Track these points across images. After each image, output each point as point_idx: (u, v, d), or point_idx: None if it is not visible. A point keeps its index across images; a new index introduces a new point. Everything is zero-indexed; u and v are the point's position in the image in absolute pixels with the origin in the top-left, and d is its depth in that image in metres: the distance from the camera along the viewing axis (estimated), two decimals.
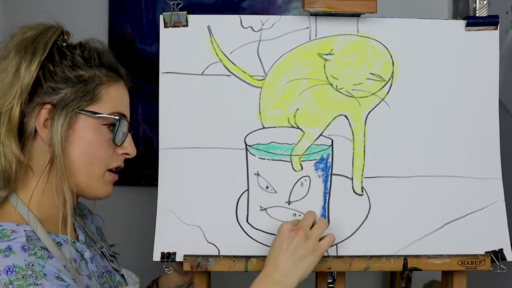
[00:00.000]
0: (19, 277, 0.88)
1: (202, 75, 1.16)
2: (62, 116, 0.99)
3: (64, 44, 1.04)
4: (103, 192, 1.06)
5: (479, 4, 1.16)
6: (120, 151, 1.06)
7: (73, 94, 1.00)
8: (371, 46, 1.17)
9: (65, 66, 1.01)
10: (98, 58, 1.05)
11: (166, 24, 1.16)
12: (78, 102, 1.01)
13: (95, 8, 1.96)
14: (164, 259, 1.13)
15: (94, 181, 1.04)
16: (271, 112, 1.16)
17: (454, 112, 1.18)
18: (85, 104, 1.01)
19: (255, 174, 1.16)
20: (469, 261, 1.15)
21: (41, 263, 0.91)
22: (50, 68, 1.00)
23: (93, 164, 1.03)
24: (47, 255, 0.93)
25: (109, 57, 1.08)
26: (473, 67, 1.18)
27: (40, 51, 1.00)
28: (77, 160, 1.01)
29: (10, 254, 0.90)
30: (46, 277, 0.89)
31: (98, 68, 1.04)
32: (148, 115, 1.94)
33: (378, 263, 1.15)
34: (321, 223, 1.11)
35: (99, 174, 1.04)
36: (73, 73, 1.01)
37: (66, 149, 1.00)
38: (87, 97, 1.02)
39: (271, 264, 1.05)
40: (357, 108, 1.16)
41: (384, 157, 1.17)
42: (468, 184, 1.17)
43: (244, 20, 1.16)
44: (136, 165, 1.94)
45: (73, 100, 1.00)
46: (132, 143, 1.09)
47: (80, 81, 1.01)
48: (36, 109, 0.99)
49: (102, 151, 1.03)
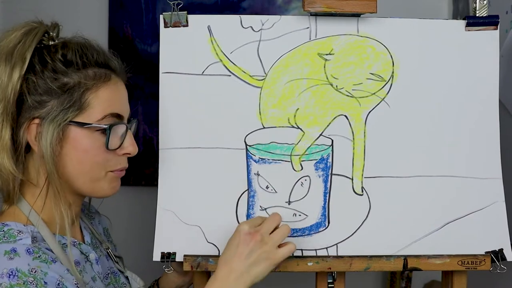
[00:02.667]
0: (20, 282, 0.88)
1: (202, 75, 1.16)
2: (50, 130, 0.96)
3: (51, 42, 1.00)
4: (109, 190, 1.05)
5: (479, 4, 1.16)
6: (120, 152, 1.03)
7: (59, 106, 0.97)
8: (371, 46, 1.17)
9: (47, 77, 0.97)
10: (81, 58, 1.00)
11: (166, 24, 1.16)
12: (65, 114, 0.97)
13: (95, 8, 1.96)
14: (164, 259, 1.13)
15: (96, 184, 1.03)
16: (271, 112, 1.16)
17: (454, 112, 1.18)
18: (73, 115, 0.97)
19: (255, 174, 1.16)
20: (469, 261, 1.15)
21: (44, 270, 0.90)
22: (33, 80, 0.97)
23: (92, 170, 1.01)
24: (51, 259, 0.93)
25: (94, 53, 1.02)
26: (473, 67, 1.18)
27: (19, 64, 0.96)
28: (75, 170, 1.00)
29: (15, 256, 0.90)
30: (47, 285, 0.89)
31: (83, 70, 0.99)
32: (148, 115, 1.94)
33: (378, 263, 1.15)
34: (282, 229, 1.06)
35: (100, 177, 1.03)
36: (56, 83, 0.97)
37: (62, 160, 0.99)
38: (74, 107, 0.97)
39: (223, 267, 1.02)
40: (357, 108, 1.16)
41: (384, 157, 1.17)
42: (468, 184, 1.17)
43: (244, 20, 1.16)
44: (136, 165, 1.94)
45: (60, 113, 0.97)
46: (132, 142, 1.05)
47: (65, 90, 0.97)
48: (25, 124, 0.97)
49: (99, 158, 1.01)
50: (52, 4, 1.93)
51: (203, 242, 1.15)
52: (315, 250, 1.16)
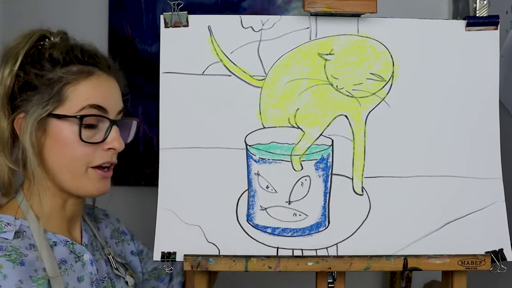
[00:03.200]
0: None
1: (202, 75, 1.16)
2: (31, 122, 1.01)
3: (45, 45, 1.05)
4: (93, 189, 1.07)
5: (479, 4, 1.16)
6: (105, 146, 1.06)
7: (40, 100, 1.02)
8: (371, 46, 1.17)
9: (34, 74, 1.02)
10: (67, 54, 1.05)
11: (167, 24, 1.16)
12: (44, 106, 1.01)
13: (95, 8, 1.96)
14: (164, 258, 1.13)
15: (78, 180, 1.05)
16: (272, 112, 1.16)
17: (454, 112, 1.18)
18: (52, 108, 1.02)
19: (255, 174, 1.16)
20: (469, 261, 1.14)
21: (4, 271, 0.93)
22: (22, 77, 1.03)
23: (73, 164, 1.04)
24: (20, 260, 0.96)
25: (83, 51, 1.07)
26: (473, 67, 1.18)
27: (11, 62, 1.03)
28: (56, 163, 1.03)
29: None
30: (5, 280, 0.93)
31: (68, 66, 1.04)
32: (148, 115, 1.94)
33: (378, 263, 1.15)
34: None
35: (81, 172, 1.04)
36: (40, 79, 1.02)
37: (44, 154, 1.03)
38: (53, 100, 1.02)
39: None
40: (357, 108, 1.16)
41: (384, 157, 1.17)
42: (468, 184, 1.17)
43: (245, 20, 1.16)
44: (136, 165, 1.94)
45: (40, 106, 1.01)
46: (117, 137, 1.07)
47: (47, 85, 1.02)
48: (16, 120, 1.03)
49: (79, 151, 1.03)
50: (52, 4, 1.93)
51: (203, 241, 1.15)
52: (315, 250, 1.16)
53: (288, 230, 1.16)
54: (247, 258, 1.13)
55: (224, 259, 1.13)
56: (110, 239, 1.22)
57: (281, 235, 1.16)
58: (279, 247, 1.15)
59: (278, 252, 1.15)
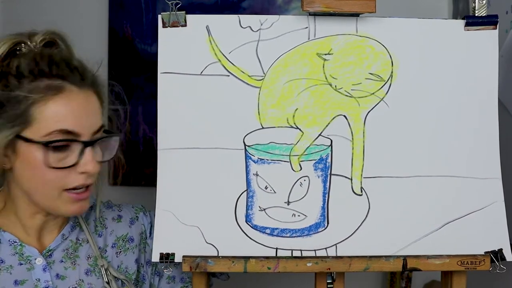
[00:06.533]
0: None
1: (200, 75, 1.16)
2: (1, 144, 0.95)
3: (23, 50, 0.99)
4: (67, 211, 1.03)
5: (478, 3, 1.16)
6: (78, 170, 0.98)
7: (7, 119, 0.95)
8: (370, 46, 1.17)
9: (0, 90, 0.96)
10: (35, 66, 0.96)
11: (165, 24, 1.16)
12: (11, 127, 0.95)
13: (95, 8, 1.96)
14: (163, 259, 1.13)
15: (51, 202, 1.01)
16: (270, 112, 1.16)
17: (453, 112, 1.18)
18: (19, 129, 0.95)
19: (254, 174, 1.15)
20: (469, 261, 1.14)
21: None
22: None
23: (44, 188, 0.99)
24: None
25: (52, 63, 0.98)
26: (473, 67, 1.18)
27: None
28: (28, 185, 1.00)
29: None
30: None
31: (35, 81, 0.96)
32: (148, 115, 1.94)
33: (377, 263, 1.14)
34: None
35: (54, 195, 1.00)
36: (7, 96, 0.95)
37: (15, 175, 0.99)
38: (19, 121, 0.95)
39: None
40: (356, 108, 1.16)
41: (383, 157, 1.17)
42: (467, 184, 1.17)
43: (243, 20, 1.16)
44: (136, 165, 1.94)
45: (7, 126, 0.95)
46: (90, 159, 0.98)
47: (14, 104, 0.95)
48: None
49: (49, 175, 0.97)
50: (52, 4, 1.93)
51: (202, 242, 1.14)
52: (314, 250, 1.15)
53: (287, 230, 1.16)
54: (246, 259, 1.13)
55: (223, 260, 1.13)
56: (111, 248, 1.16)
57: (280, 235, 1.15)
58: (278, 248, 1.15)
59: (277, 253, 1.15)
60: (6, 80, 0.96)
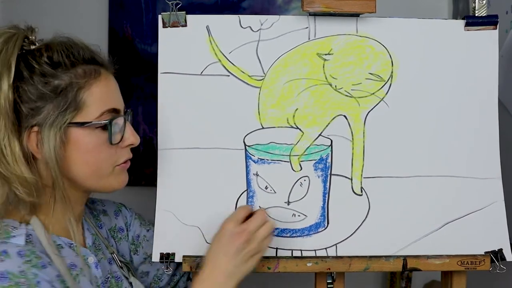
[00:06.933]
0: (12, 284, 0.87)
1: (201, 75, 1.16)
2: (52, 135, 0.95)
3: (32, 47, 0.98)
4: (119, 183, 1.05)
5: (478, 3, 1.16)
6: (123, 144, 1.03)
7: (55, 110, 0.95)
8: (370, 46, 1.17)
9: (37, 82, 0.95)
10: (68, 57, 0.97)
11: (165, 24, 1.16)
12: (63, 116, 0.95)
13: (95, 8, 1.96)
14: (163, 259, 1.13)
15: (104, 180, 1.02)
16: (270, 112, 1.16)
17: (453, 112, 1.18)
18: (71, 116, 0.96)
19: (254, 174, 1.15)
20: (469, 261, 1.14)
21: (34, 272, 0.89)
22: (24, 88, 0.94)
23: (99, 168, 1.01)
24: (42, 264, 0.92)
25: (80, 50, 1.00)
26: (473, 67, 1.18)
27: (5, 73, 0.93)
28: (82, 171, 0.99)
29: (5, 258, 0.90)
30: (40, 284, 0.89)
31: (72, 69, 0.97)
32: (148, 115, 1.94)
33: (377, 263, 1.15)
34: (267, 227, 1.06)
35: (108, 173, 1.02)
36: (47, 87, 0.95)
37: (66, 165, 0.98)
38: (71, 108, 0.96)
39: (210, 266, 1.02)
40: (356, 108, 1.16)
41: (383, 157, 1.17)
42: (467, 184, 1.17)
43: (243, 20, 1.16)
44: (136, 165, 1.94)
45: (57, 116, 0.95)
46: (133, 132, 1.04)
47: (58, 93, 0.95)
48: (25, 134, 0.95)
49: (104, 154, 1.00)
50: (52, 4, 1.93)
51: (202, 242, 1.14)
52: (314, 250, 1.15)
53: (287, 230, 1.16)
54: None
55: None
56: (111, 238, 1.20)
57: (280, 235, 1.15)
58: (278, 248, 1.15)
59: (277, 253, 1.15)
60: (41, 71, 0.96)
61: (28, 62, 0.96)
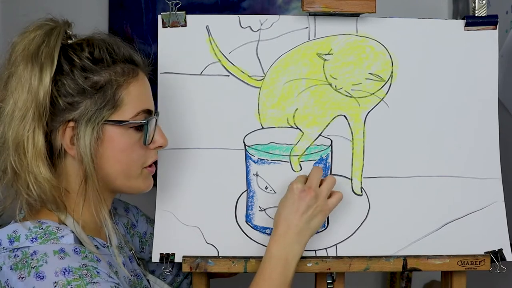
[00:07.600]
0: (76, 277, 0.88)
1: (200, 75, 1.16)
2: (88, 132, 0.94)
3: (69, 41, 0.97)
4: (146, 186, 1.04)
5: (478, 3, 1.16)
6: (153, 146, 1.02)
7: (93, 106, 0.94)
8: (370, 46, 1.17)
9: (78, 76, 0.94)
10: (110, 55, 0.97)
11: (165, 24, 1.16)
12: (100, 113, 0.94)
13: (95, 8, 1.96)
14: (163, 260, 1.13)
15: (133, 181, 1.02)
16: (270, 112, 1.16)
17: (453, 112, 1.18)
18: (108, 114, 0.95)
19: (254, 174, 1.15)
20: (469, 261, 1.14)
21: (93, 265, 0.91)
22: (63, 82, 0.93)
23: (130, 168, 1.00)
24: (96, 258, 0.93)
25: (120, 48, 1.00)
26: (473, 67, 1.18)
27: (48, 66, 0.92)
28: (113, 169, 0.99)
29: (65, 256, 0.90)
30: (100, 275, 0.90)
31: (112, 67, 0.97)
32: None
33: (377, 263, 1.14)
34: (329, 181, 1.09)
35: (137, 174, 1.02)
36: (87, 82, 0.94)
37: (99, 162, 0.97)
38: (109, 105, 0.95)
39: (283, 225, 1.05)
40: (356, 108, 1.16)
41: (383, 157, 1.16)
42: (467, 184, 1.17)
43: (243, 20, 1.16)
44: None
45: (95, 112, 0.94)
46: (162, 134, 1.04)
47: (97, 89, 0.95)
48: (60, 128, 0.94)
49: (135, 155, 1.00)
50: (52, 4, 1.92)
51: (202, 243, 1.14)
52: (315, 250, 1.15)
53: None
54: (246, 259, 1.13)
55: (223, 260, 1.13)
56: (127, 234, 1.19)
57: None
58: None
59: None
60: (82, 66, 0.95)
61: (68, 55, 0.95)
